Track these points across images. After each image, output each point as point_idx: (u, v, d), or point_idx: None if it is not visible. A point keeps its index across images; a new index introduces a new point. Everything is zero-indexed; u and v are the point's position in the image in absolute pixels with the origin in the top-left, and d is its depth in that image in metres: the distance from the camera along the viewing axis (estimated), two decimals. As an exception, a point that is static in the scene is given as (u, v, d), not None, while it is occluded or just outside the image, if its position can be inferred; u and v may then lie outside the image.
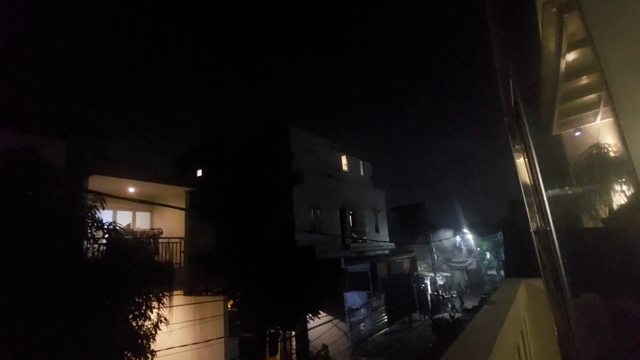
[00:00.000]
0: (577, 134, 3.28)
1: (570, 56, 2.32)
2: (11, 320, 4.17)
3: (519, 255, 4.77)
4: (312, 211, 16.33)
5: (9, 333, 4.16)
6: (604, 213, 2.65)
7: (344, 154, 20.78)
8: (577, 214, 2.50)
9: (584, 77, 2.38)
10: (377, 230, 21.61)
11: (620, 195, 2.40)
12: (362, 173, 22.41)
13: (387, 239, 22.34)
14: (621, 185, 2.37)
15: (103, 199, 5.46)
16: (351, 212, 19.65)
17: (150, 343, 5.83)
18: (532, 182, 1.51)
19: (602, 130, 2.68)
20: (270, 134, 17.17)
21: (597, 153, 2.91)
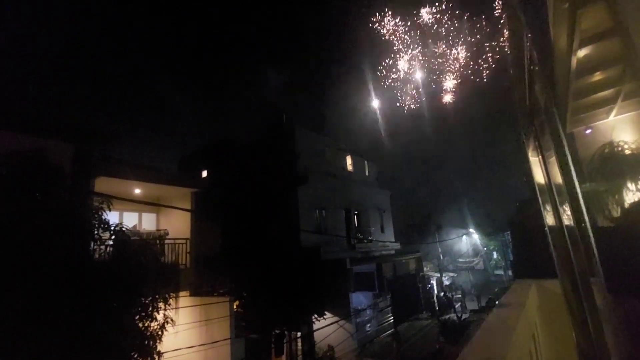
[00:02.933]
0: (588, 132, 3.21)
1: (582, 53, 2.26)
2: (20, 320, 4.20)
3: (528, 256, 4.70)
4: (317, 211, 16.29)
5: (18, 334, 4.19)
6: (616, 212, 2.58)
7: (349, 154, 20.72)
8: (591, 213, 2.43)
9: (597, 73, 2.32)
10: (382, 231, 21.50)
11: (635, 194, 2.34)
12: (367, 173, 22.33)
13: (393, 239, 22.23)
14: (636, 184, 2.31)
15: (109, 200, 5.48)
16: (356, 212, 19.58)
17: (157, 344, 5.84)
18: (546, 180, 1.46)
19: (616, 127, 2.61)
20: (275, 135, 17.18)
21: (610, 151, 2.84)
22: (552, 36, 2.27)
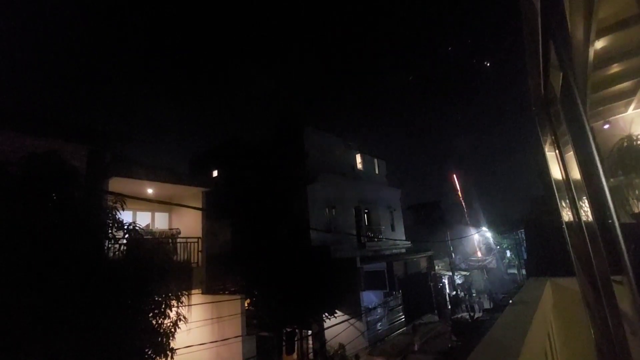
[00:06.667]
0: (606, 126, 3.11)
1: (599, 44, 2.18)
2: (37, 319, 4.31)
3: (543, 253, 4.59)
4: (327, 210, 16.27)
5: (35, 332, 4.29)
6: (636, 208, 2.49)
7: (358, 153, 20.63)
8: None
9: (615, 65, 2.23)
10: (392, 229, 21.36)
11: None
12: (376, 171, 22.20)
13: (403, 237, 22.05)
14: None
15: (123, 200, 5.57)
16: (366, 211, 19.48)
17: (170, 341, 5.92)
18: (564, 176, 1.41)
19: (635, 121, 2.51)
20: (285, 134, 17.22)
21: (629, 145, 2.75)
22: (569, 26, 2.20)
